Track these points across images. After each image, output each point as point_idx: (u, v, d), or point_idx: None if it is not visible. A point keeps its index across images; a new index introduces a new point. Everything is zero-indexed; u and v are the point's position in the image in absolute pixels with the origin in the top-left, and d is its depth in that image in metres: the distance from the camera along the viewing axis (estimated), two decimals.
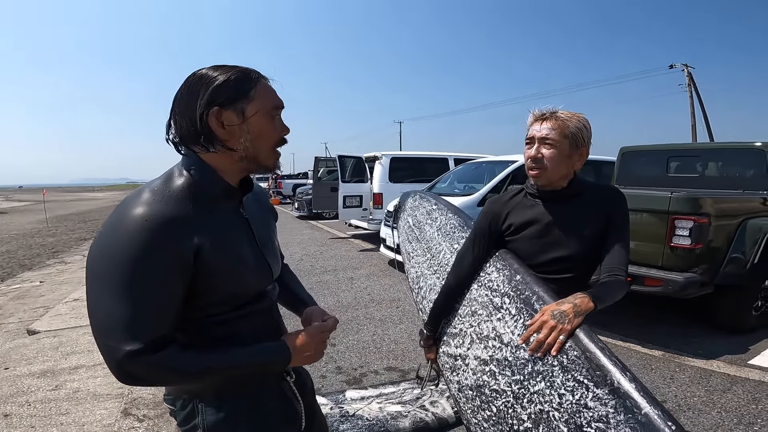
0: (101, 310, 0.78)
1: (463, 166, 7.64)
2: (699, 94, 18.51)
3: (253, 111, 0.88)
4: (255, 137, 0.89)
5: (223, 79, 0.86)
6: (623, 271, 1.26)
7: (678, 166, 5.06)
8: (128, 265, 0.76)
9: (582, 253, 1.33)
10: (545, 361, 1.10)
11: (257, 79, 0.90)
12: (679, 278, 3.32)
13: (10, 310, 5.05)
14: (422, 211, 2.15)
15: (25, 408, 2.61)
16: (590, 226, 1.33)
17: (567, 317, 1.09)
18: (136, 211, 0.79)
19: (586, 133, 1.32)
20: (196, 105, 0.85)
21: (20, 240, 12.08)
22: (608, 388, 0.97)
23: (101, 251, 0.79)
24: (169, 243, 0.79)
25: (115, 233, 0.79)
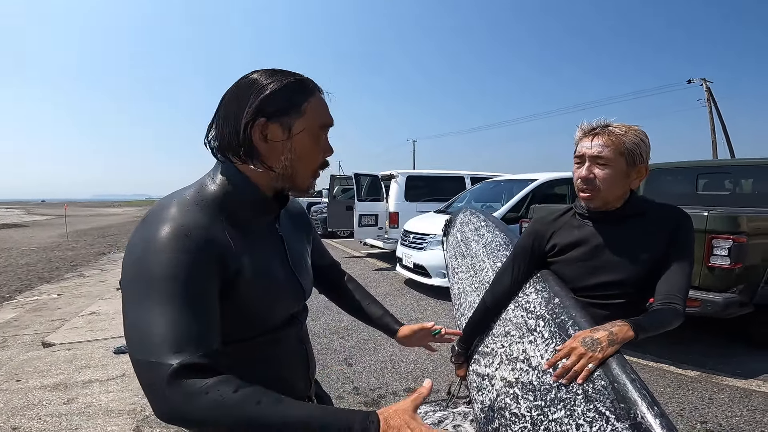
0: (141, 325, 0.68)
1: (481, 185, 7.56)
2: (718, 109, 18.21)
3: (300, 128, 0.80)
4: (297, 157, 0.82)
5: (275, 87, 0.78)
6: (681, 299, 1.14)
7: (707, 184, 4.92)
8: (169, 275, 0.69)
9: (635, 277, 1.22)
10: (570, 389, 1.03)
11: (312, 92, 0.82)
12: (717, 299, 3.21)
13: (27, 322, 5.05)
14: (471, 227, 2.13)
15: (35, 422, 2.54)
16: (648, 249, 1.21)
17: (599, 345, 1.00)
18: (172, 221, 0.74)
19: (644, 148, 1.19)
20: (243, 113, 0.78)
21: (40, 253, 12.28)
22: (629, 422, 0.89)
23: (138, 262, 0.72)
24: (209, 253, 0.73)
25: (152, 243, 0.72)
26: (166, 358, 0.65)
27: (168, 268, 0.69)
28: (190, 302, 0.70)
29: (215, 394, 0.64)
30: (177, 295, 0.69)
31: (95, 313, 5.24)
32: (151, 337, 0.66)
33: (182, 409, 0.64)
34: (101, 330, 4.47)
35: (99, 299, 6.05)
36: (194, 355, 0.66)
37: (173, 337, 0.66)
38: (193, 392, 0.64)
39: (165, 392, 0.64)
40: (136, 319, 0.69)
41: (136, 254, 0.72)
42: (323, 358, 3.62)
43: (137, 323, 0.68)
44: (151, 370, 0.65)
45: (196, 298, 0.71)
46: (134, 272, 0.71)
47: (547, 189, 6.20)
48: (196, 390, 0.64)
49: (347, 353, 3.75)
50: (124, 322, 0.71)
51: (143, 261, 0.71)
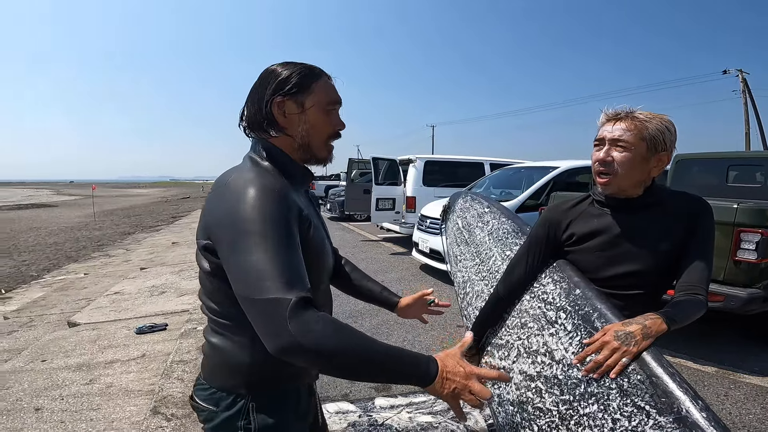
0: (258, 268, 0.77)
1: (500, 171, 7.44)
2: (753, 100, 17.49)
3: (311, 103, 0.96)
4: (311, 127, 0.97)
5: (288, 73, 0.95)
6: (704, 289, 1.11)
7: (737, 176, 4.73)
8: (269, 223, 0.80)
9: (654, 268, 1.19)
10: (601, 383, 1.02)
11: (319, 76, 0.98)
12: (742, 294, 3.11)
13: (53, 302, 5.24)
14: (473, 213, 2.06)
15: (57, 402, 2.64)
16: (667, 239, 1.18)
17: (634, 339, 0.98)
18: (254, 182, 0.85)
19: (669, 136, 1.15)
20: (264, 94, 0.95)
21: (68, 233, 12.70)
22: (673, 416, 0.87)
23: (235, 216, 0.81)
24: (292, 208, 0.87)
25: (246, 199, 0.82)
26: (285, 293, 0.74)
27: (269, 217, 0.81)
28: (289, 246, 0.81)
29: (327, 327, 0.75)
30: (280, 239, 0.80)
31: (119, 292, 5.40)
32: (267, 277, 0.76)
33: (302, 339, 0.72)
34: (125, 310, 4.61)
35: (123, 279, 6.24)
36: (303, 290, 0.77)
37: (285, 275, 0.76)
38: (310, 323, 0.74)
39: (287, 325, 0.73)
40: (246, 264, 0.78)
41: (233, 212, 0.82)
42: None
43: (249, 268, 0.77)
44: (272, 307, 0.74)
45: (293, 242, 0.83)
46: (237, 226, 0.81)
47: (569, 177, 6.04)
48: (312, 321, 0.74)
49: None
50: (235, 270, 0.80)
51: (244, 214, 0.81)
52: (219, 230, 0.84)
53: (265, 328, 0.75)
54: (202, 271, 0.93)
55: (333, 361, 0.76)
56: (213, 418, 0.95)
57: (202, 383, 0.99)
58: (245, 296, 0.77)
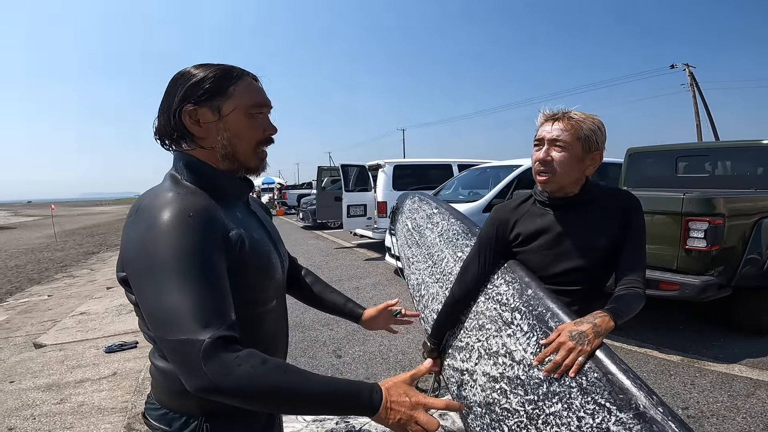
0: (167, 306, 0.71)
1: (467, 172, 7.59)
2: (702, 94, 18.35)
3: (230, 108, 0.86)
4: (232, 135, 0.87)
5: (201, 76, 0.84)
6: (641, 282, 1.19)
7: (687, 166, 4.98)
8: (182, 255, 0.73)
9: (597, 262, 1.26)
10: (562, 382, 1.05)
11: (239, 77, 0.87)
12: (695, 281, 3.23)
13: (18, 324, 5.04)
14: (422, 214, 2.06)
15: (29, 422, 2.57)
16: (606, 234, 1.25)
17: (586, 338, 1.03)
18: (171, 205, 0.77)
19: (600, 136, 1.23)
20: (173, 101, 0.85)
21: (29, 254, 12.16)
22: (633, 412, 0.91)
23: (148, 248, 0.74)
24: (214, 231, 0.78)
25: (159, 227, 0.75)
26: (197, 333, 0.69)
27: (180, 249, 0.73)
28: (206, 278, 0.73)
29: (247, 366, 0.69)
30: (193, 273, 0.72)
31: (85, 312, 5.23)
32: (178, 316, 0.70)
33: (219, 382, 0.68)
34: (92, 330, 4.47)
35: (89, 299, 6.04)
36: (221, 328, 0.70)
37: (199, 313, 0.70)
38: (228, 364, 0.68)
39: (201, 367, 0.67)
40: (159, 302, 0.72)
41: (143, 242, 0.75)
42: (312, 350, 3.66)
43: (161, 306, 0.71)
44: (184, 348, 0.69)
45: (211, 273, 0.74)
46: (146, 258, 0.74)
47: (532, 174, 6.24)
48: (230, 362, 0.68)
49: (336, 345, 3.80)
50: (145, 307, 0.74)
51: (153, 246, 0.74)
52: (131, 263, 0.77)
53: (180, 369, 0.70)
54: (132, 303, 0.86)
55: (257, 402, 0.72)
56: None
57: (153, 403, 0.93)
58: (157, 336, 0.73)
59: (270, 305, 0.96)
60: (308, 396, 0.72)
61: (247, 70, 0.90)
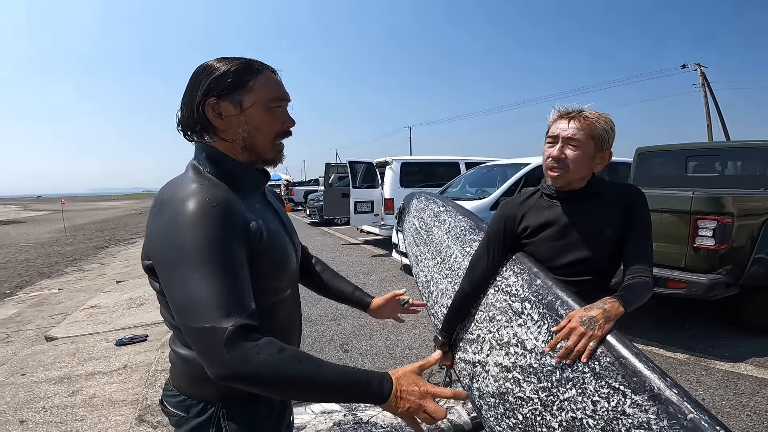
0: (192, 295, 0.75)
1: (475, 170, 7.58)
2: (713, 93, 18.19)
3: (250, 102, 0.88)
4: (252, 128, 0.90)
5: (223, 69, 0.87)
6: (648, 271, 1.21)
7: (697, 166, 4.95)
8: (206, 245, 0.76)
9: (602, 254, 1.29)
10: (575, 368, 1.07)
11: (260, 71, 0.90)
12: (703, 280, 3.23)
13: (29, 317, 5.12)
14: (429, 213, 2.09)
15: (41, 414, 2.62)
16: (611, 227, 1.29)
17: (597, 323, 1.05)
18: (195, 196, 0.80)
19: (611, 135, 1.27)
20: (196, 95, 0.87)
21: (39, 249, 12.31)
22: (647, 394, 0.93)
23: (173, 239, 0.78)
24: (235, 223, 0.81)
25: (183, 218, 0.78)
26: (220, 322, 0.72)
27: (204, 240, 0.76)
28: (229, 268, 0.77)
29: (266, 354, 0.73)
30: (216, 264, 0.76)
31: (96, 306, 5.31)
32: (202, 305, 0.73)
33: (239, 369, 0.72)
34: (102, 323, 4.54)
35: (99, 292, 6.12)
36: (242, 317, 0.74)
37: (222, 302, 0.74)
38: (248, 352, 0.72)
39: (224, 354, 0.71)
40: (184, 290, 0.75)
41: (168, 232, 0.79)
42: (320, 345, 3.70)
43: (186, 294, 0.75)
44: (207, 335, 0.73)
45: (233, 264, 0.78)
46: (171, 249, 0.77)
47: (540, 173, 6.21)
48: (250, 350, 0.72)
49: (343, 339, 3.83)
50: (171, 296, 0.78)
51: (179, 236, 0.77)
52: (157, 253, 0.80)
53: (203, 356, 0.74)
54: (156, 291, 0.89)
55: (274, 389, 0.76)
56: (183, 423, 0.94)
57: (171, 390, 0.96)
58: (182, 323, 0.76)
59: (285, 294, 0.99)
60: (323, 385, 0.76)
61: (266, 64, 0.92)
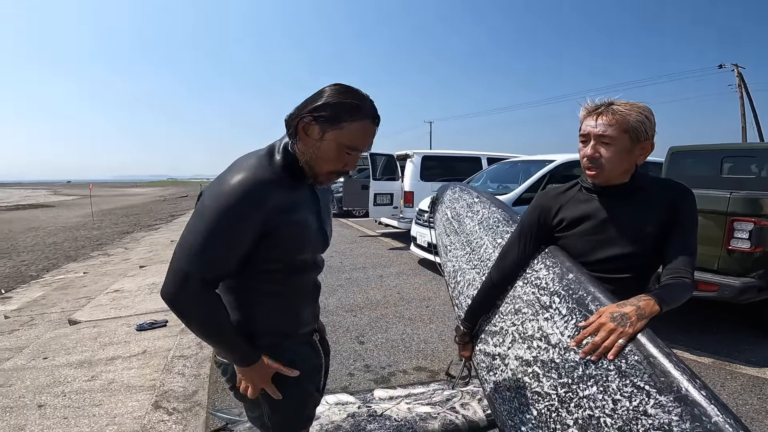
0: (192, 235, 0.98)
1: (498, 165, 7.45)
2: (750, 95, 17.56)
3: (331, 137, 1.02)
4: (319, 156, 1.05)
5: (332, 101, 1.01)
6: (689, 272, 1.14)
7: (732, 167, 4.77)
8: (223, 212, 0.96)
9: (642, 251, 1.22)
10: (599, 365, 1.04)
11: (359, 117, 1.03)
12: (735, 283, 3.13)
13: (54, 300, 5.26)
14: (462, 203, 2.08)
15: (60, 398, 2.66)
16: (653, 223, 1.21)
17: (629, 320, 1.01)
18: (246, 171, 1.00)
19: (648, 125, 1.18)
20: (305, 107, 1.03)
21: (66, 232, 12.70)
22: (674, 395, 0.89)
23: (212, 196, 0.99)
24: (258, 203, 0.98)
25: (223, 185, 0.99)
26: (193, 268, 0.98)
27: (226, 209, 0.96)
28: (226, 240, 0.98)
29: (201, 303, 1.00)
30: (220, 232, 0.96)
31: (119, 290, 5.42)
32: (190, 246, 0.98)
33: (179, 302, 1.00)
34: (124, 307, 4.63)
35: (123, 277, 6.25)
36: (210, 273, 0.99)
37: (203, 258, 0.98)
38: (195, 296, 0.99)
39: (180, 287, 0.98)
40: (191, 230, 0.99)
41: (213, 189, 1.00)
42: (336, 336, 3.69)
43: (187, 236, 0.99)
44: (179, 270, 0.98)
45: (234, 238, 0.98)
46: (206, 200, 1.00)
47: (565, 170, 6.05)
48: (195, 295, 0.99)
49: (359, 331, 3.81)
50: (187, 227, 1.01)
51: (213, 196, 0.98)
52: (202, 198, 1.02)
53: (167, 279, 1.00)
54: None
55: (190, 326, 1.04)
56: (228, 370, 1.15)
57: None
58: (177, 244, 1.01)
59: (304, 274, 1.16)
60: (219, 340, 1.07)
61: (372, 112, 1.05)
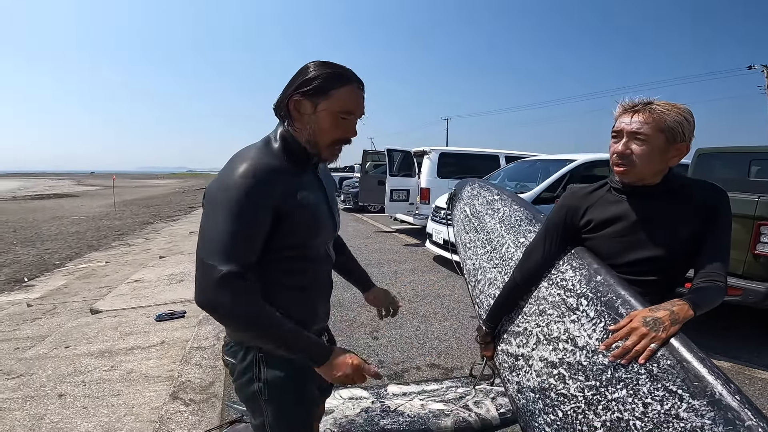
0: (211, 234, 0.96)
1: (516, 164, 7.37)
2: None
3: (323, 107, 1.04)
4: (318, 129, 1.05)
5: (314, 74, 1.02)
6: (722, 276, 1.11)
7: (760, 170, 4.63)
8: (237, 202, 0.95)
9: (672, 254, 1.19)
10: (629, 369, 1.02)
11: (345, 83, 1.04)
12: (761, 288, 3.06)
13: (76, 289, 5.40)
14: (482, 200, 2.05)
15: (80, 388, 2.72)
16: (685, 226, 1.18)
17: (662, 325, 0.99)
18: (251, 160, 0.99)
19: (687, 126, 1.14)
20: (290, 87, 1.04)
21: (89, 222, 13.01)
22: (707, 399, 0.88)
23: (220, 190, 0.98)
24: (269, 188, 0.98)
25: (230, 177, 0.97)
26: (221, 263, 0.93)
27: (240, 196, 0.95)
28: (246, 226, 0.96)
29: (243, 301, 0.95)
30: (238, 219, 0.95)
31: (140, 280, 5.54)
32: (213, 243, 0.95)
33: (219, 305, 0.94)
34: (144, 297, 4.73)
35: (143, 267, 6.39)
36: (238, 265, 0.94)
37: (229, 249, 0.94)
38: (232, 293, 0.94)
39: (214, 288, 0.94)
40: (207, 229, 0.97)
41: (221, 182, 0.99)
42: (350, 330, 3.71)
43: (206, 232, 0.97)
44: (207, 269, 0.94)
45: (252, 224, 0.97)
46: (216, 194, 0.98)
47: (586, 170, 5.95)
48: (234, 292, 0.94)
49: (373, 326, 3.82)
50: (201, 226, 0.99)
51: (223, 188, 0.97)
52: (209, 193, 1.00)
53: (198, 284, 0.95)
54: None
55: (239, 329, 1.03)
56: (234, 369, 1.12)
57: (226, 340, 1.15)
58: (197, 253, 0.97)
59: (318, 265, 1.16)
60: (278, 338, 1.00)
61: (355, 78, 1.06)
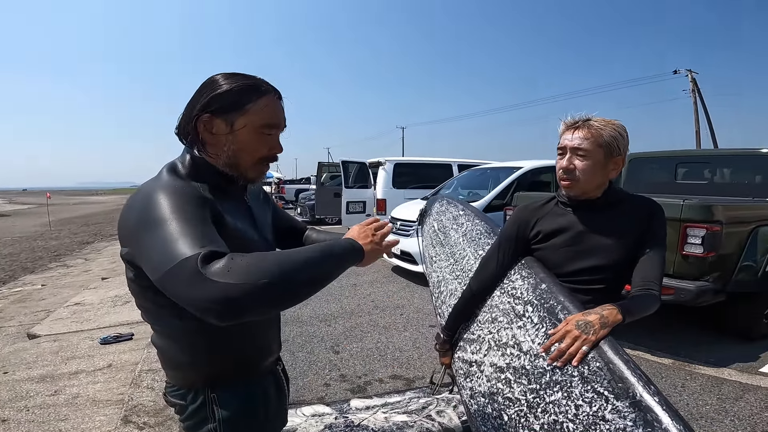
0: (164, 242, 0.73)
1: (468, 173, 7.61)
2: (703, 100, 18.46)
3: (241, 124, 0.90)
4: (238, 149, 0.91)
5: (226, 88, 0.88)
6: (657, 285, 1.21)
7: (686, 173, 5.02)
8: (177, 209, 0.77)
9: (614, 264, 1.29)
10: (564, 371, 1.08)
11: (261, 94, 0.91)
12: (691, 287, 3.27)
13: (11, 314, 5.01)
14: (448, 216, 2.13)
15: (23, 413, 2.55)
16: (625, 237, 1.28)
17: (592, 328, 1.06)
18: (163, 186, 0.83)
19: (621, 141, 1.26)
20: (195, 107, 0.89)
21: (23, 243, 12.08)
22: (629, 400, 0.94)
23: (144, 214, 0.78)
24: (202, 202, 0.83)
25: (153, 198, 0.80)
26: (191, 251, 0.69)
27: (172, 207, 0.77)
28: (199, 222, 0.77)
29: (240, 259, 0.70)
30: (188, 218, 0.76)
31: (80, 303, 5.20)
32: (171, 245, 0.71)
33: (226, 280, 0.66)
34: (86, 321, 4.45)
35: (83, 289, 6.01)
36: (212, 247, 0.71)
37: (191, 239, 0.72)
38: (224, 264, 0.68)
39: (203, 274, 0.67)
40: (156, 245, 0.73)
41: (141, 210, 0.80)
42: (310, 346, 3.67)
43: (158, 247, 0.73)
44: (182, 269, 0.68)
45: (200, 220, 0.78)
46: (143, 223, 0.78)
47: (532, 177, 6.26)
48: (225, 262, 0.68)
49: (334, 341, 3.80)
50: (147, 258, 0.75)
51: (149, 212, 0.78)
52: (131, 233, 0.81)
53: (187, 290, 0.68)
54: (128, 280, 0.91)
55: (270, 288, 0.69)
56: (184, 410, 0.99)
57: (168, 382, 1.02)
58: (159, 277, 0.71)
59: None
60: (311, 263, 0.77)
61: (272, 87, 0.93)
